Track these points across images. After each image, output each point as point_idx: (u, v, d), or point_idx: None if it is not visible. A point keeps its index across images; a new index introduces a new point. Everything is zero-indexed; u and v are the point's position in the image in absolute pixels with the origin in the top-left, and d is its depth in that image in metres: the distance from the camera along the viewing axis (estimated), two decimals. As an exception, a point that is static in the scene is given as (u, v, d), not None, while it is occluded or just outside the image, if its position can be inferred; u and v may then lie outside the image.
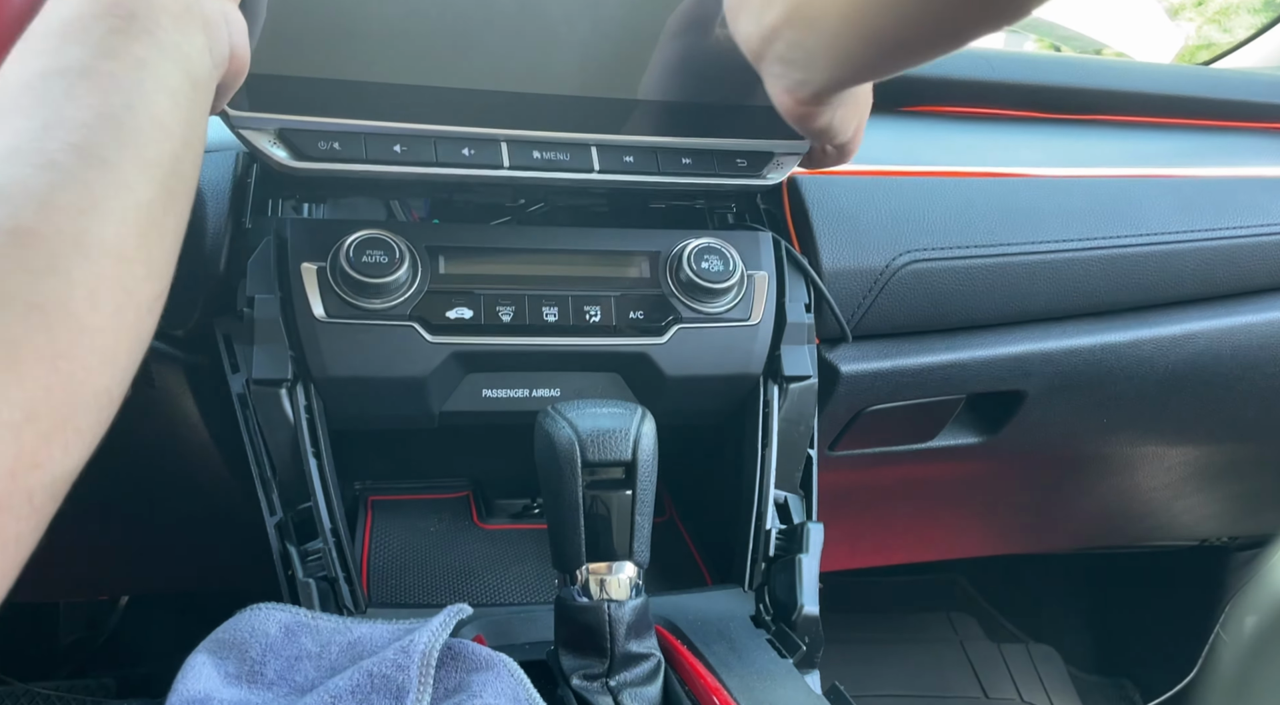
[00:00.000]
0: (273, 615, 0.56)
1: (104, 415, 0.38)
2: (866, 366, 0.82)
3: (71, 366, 0.35)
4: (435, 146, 0.63)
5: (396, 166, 0.63)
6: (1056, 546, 1.54)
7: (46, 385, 0.34)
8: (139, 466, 0.85)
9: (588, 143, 0.66)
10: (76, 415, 0.36)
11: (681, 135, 0.69)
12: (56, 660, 1.41)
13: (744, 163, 0.70)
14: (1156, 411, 0.97)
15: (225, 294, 0.67)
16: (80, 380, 0.36)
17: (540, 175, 0.65)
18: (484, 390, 0.70)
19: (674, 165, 0.68)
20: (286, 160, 0.61)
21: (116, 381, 0.39)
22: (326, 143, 0.61)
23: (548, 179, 0.66)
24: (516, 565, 0.76)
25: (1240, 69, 1.32)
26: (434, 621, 0.52)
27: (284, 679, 0.53)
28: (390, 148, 0.63)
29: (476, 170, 0.64)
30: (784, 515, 0.72)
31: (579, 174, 0.66)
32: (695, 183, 0.69)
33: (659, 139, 0.68)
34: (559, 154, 0.65)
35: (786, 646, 0.63)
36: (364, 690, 0.48)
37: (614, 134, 0.68)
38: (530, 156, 0.65)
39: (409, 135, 0.63)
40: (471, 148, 0.64)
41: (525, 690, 0.51)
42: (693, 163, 0.68)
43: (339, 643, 0.55)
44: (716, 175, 0.69)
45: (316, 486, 0.62)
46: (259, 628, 0.55)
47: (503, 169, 0.65)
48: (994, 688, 1.51)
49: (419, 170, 0.63)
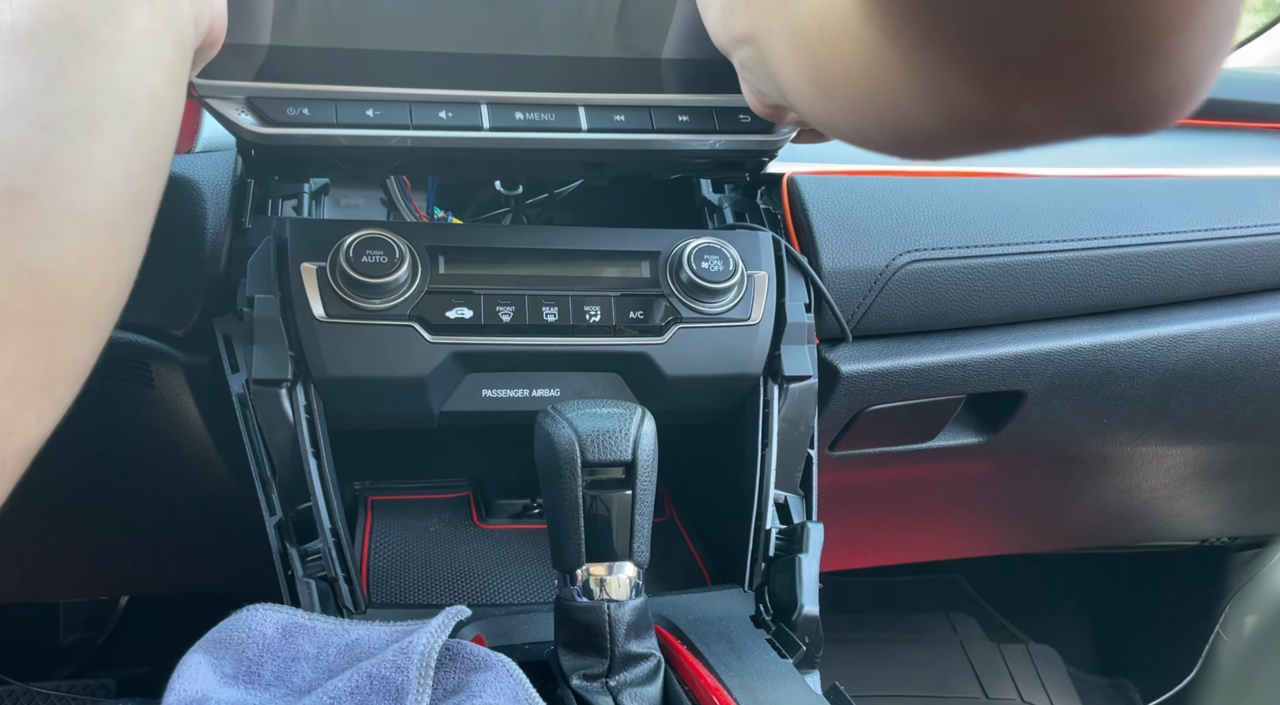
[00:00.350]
0: (269, 616, 0.56)
1: (77, 386, 0.38)
2: (866, 366, 0.82)
3: (54, 335, 0.35)
4: (410, 110, 0.60)
5: (369, 130, 0.60)
6: (1056, 546, 1.54)
7: (30, 352, 0.34)
8: (139, 467, 0.85)
9: (574, 103, 0.63)
10: (54, 384, 0.36)
11: (676, 92, 0.65)
12: (56, 660, 1.41)
13: (748, 118, 0.66)
14: (1156, 412, 0.97)
15: (225, 294, 0.67)
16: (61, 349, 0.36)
17: (524, 135, 0.62)
18: (484, 390, 0.70)
19: (670, 122, 0.64)
20: (254, 126, 0.59)
21: (93, 352, 0.39)
22: (296, 108, 0.59)
23: (532, 140, 0.62)
24: (516, 565, 0.76)
25: (1240, 69, 1.32)
26: (433, 623, 0.52)
27: (281, 680, 0.53)
28: (363, 112, 0.60)
29: (454, 132, 0.61)
30: (784, 515, 0.72)
31: (566, 134, 0.63)
32: (696, 140, 0.65)
33: (652, 97, 0.64)
34: (544, 114, 0.62)
35: (786, 646, 0.63)
36: (363, 691, 0.48)
37: (603, 92, 0.64)
38: (513, 118, 0.61)
39: (382, 99, 0.60)
40: (449, 111, 0.61)
41: (524, 690, 0.51)
42: (690, 120, 0.64)
43: (337, 644, 0.54)
44: (718, 132, 0.65)
45: (316, 487, 0.62)
46: (255, 628, 0.55)
47: (483, 130, 0.61)
48: (994, 688, 1.51)
49: (393, 133, 0.60)
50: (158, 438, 0.78)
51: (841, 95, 0.42)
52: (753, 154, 0.70)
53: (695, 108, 0.65)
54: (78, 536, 1.01)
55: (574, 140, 0.63)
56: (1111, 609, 1.70)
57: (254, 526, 0.64)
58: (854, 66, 0.39)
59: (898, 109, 0.37)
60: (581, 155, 0.65)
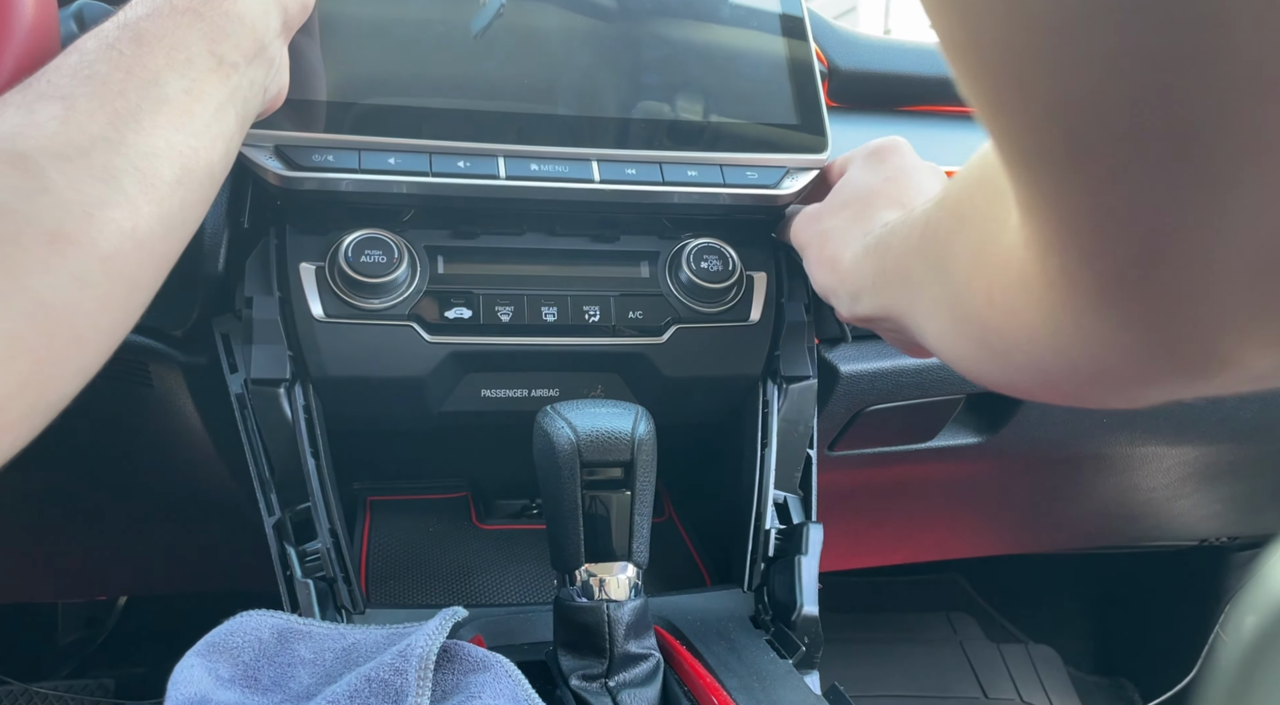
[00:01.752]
0: (264, 621, 0.55)
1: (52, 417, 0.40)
2: (866, 366, 0.82)
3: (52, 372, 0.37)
4: (430, 159, 0.63)
5: (390, 176, 0.62)
6: (1056, 546, 1.54)
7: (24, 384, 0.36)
8: (137, 466, 0.85)
9: (588, 157, 0.66)
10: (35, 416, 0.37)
11: (685, 150, 0.68)
12: (56, 660, 1.41)
13: (754, 175, 0.69)
14: (1156, 411, 0.97)
15: (223, 294, 0.67)
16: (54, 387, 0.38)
17: (538, 185, 0.64)
18: (483, 390, 0.70)
19: (679, 176, 0.67)
20: (280, 170, 0.61)
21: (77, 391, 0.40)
22: (321, 155, 0.61)
23: (546, 189, 0.65)
24: (515, 565, 0.76)
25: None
26: (430, 624, 0.52)
27: (279, 685, 0.53)
28: (384, 160, 0.62)
29: (472, 180, 0.63)
30: (783, 515, 0.71)
31: (579, 184, 0.65)
32: (704, 193, 0.68)
33: (663, 153, 0.67)
34: (558, 166, 0.65)
35: (786, 647, 0.62)
36: (362, 695, 0.48)
37: (615, 148, 0.67)
38: (528, 168, 0.64)
39: (404, 150, 0.63)
40: (467, 161, 0.64)
41: (523, 690, 0.50)
42: (699, 175, 0.67)
43: (333, 649, 0.54)
44: (725, 186, 0.68)
45: (315, 487, 0.62)
46: (251, 634, 0.55)
47: (499, 179, 0.64)
48: (994, 688, 1.51)
49: (412, 179, 0.62)
50: (156, 438, 0.78)
51: (1021, 355, 0.39)
52: (762, 208, 0.71)
53: (704, 164, 0.68)
54: (76, 536, 1.01)
55: (586, 190, 0.65)
56: (1111, 609, 1.70)
57: (252, 527, 0.64)
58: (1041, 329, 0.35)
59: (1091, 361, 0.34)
60: (593, 207, 0.68)
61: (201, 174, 0.45)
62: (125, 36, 0.45)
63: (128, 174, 0.40)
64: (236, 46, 0.49)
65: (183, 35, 0.46)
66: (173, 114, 0.44)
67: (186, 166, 0.44)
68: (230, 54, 0.48)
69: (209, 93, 0.46)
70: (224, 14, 0.49)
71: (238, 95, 0.49)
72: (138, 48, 0.44)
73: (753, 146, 0.69)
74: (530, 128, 0.65)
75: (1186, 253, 0.26)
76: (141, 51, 0.44)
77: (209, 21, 0.48)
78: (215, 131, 0.47)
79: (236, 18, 0.50)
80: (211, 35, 0.48)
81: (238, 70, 0.49)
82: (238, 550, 0.99)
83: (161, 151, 0.42)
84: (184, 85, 0.45)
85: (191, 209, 0.45)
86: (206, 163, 0.46)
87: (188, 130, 0.44)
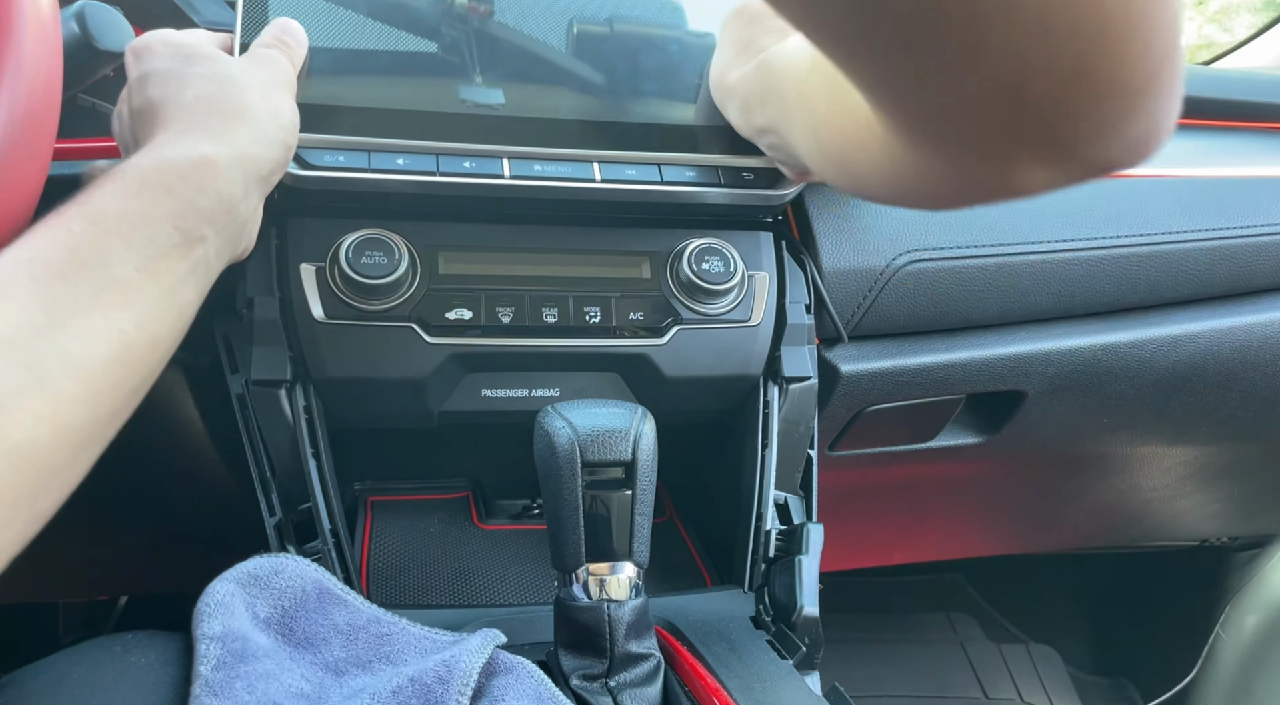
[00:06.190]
0: (308, 571, 0.56)
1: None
2: (866, 366, 0.82)
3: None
4: (438, 160, 0.65)
5: (398, 175, 0.64)
6: (1056, 546, 1.54)
7: None
8: (138, 467, 0.85)
9: (590, 158, 0.68)
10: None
11: (684, 151, 0.70)
12: (56, 661, 1.41)
13: (751, 176, 0.70)
14: (1156, 412, 0.97)
15: (224, 294, 0.67)
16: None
17: (541, 184, 0.66)
18: (483, 390, 0.70)
19: (678, 176, 0.69)
20: (293, 170, 0.62)
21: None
22: (332, 156, 0.63)
23: (549, 188, 0.66)
24: (516, 566, 0.76)
25: (1241, 69, 1.32)
26: (472, 642, 0.52)
27: (311, 645, 0.53)
28: (393, 161, 0.64)
29: (477, 179, 0.65)
30: (784, 516, 0.72)
31: (580, 183, 0.67)
32: (702, 193, 0.69)
33: (662, 154, 0.69)
34: (560, 167, 0.67)
35: (786, 647, 0.63)
36: (405, 693, 0.48)
37: (616, 150, 0.69)
38: (532, 169, 0.66)
39: (412, 151, 0.65)
40: (473, 161, 0.66)
41: (547, 689, 0.51)
42: (697, 175, 0.69)
43: (369, 632, 0.55)
44: (723, 186, 0.69)
45: (316, 487, 0.62)
46: (294, 580, 0.55)
47: (504, 179, 0.65)
48: (994, 688, 1.51)
49: (420, 178, 0.64)
50: (156, 438, 0.78)
51: (870, 179, 0.49)
52: (760, 208, 0.73)
53: (703, 166, 0.70)
54: (76, 537, 1.01)
55: (588, 189, 0.67)
56: (1111, 609, 1.70)
57: (253, 527, 0.64)
58: (882, 163, 0.45)
59: (924, 185, 0.44)
60: (595, 206, 0.70)
61: (144, 348, 0.43)
62: (81, 215, 0.43)
63: (52, 360, 0.38)
64: (207, 219, 0.47)
65: (147, 213, 0.44)
66: (119, 293, 0.42)
67: (128, 342, 0.42)
68: (198, 228, 0.46)
69: (166, 270, 0.44)
70: (199, 189, 0.47)
71: (200, 266, 0.47)
72: (91, 226, 0.42)
73: (749, 148, 0.69)
74: (534, 131, 0.67)
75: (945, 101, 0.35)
76: (94, 230, 0.42)
77: (179, 198, 0.46)
78: (167, 305, 0.45)
79: (213, 192, 0.47)
80: (180, 212, 0.45)
81: (204, 242, 0.47)
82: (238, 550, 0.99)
83: (98, 332, 0.41)
84: (138, 263, 0.43)
85: (126, 383, 0.43)
86: (151, 337, 0.43)
87: (135, 308, 0.42)
